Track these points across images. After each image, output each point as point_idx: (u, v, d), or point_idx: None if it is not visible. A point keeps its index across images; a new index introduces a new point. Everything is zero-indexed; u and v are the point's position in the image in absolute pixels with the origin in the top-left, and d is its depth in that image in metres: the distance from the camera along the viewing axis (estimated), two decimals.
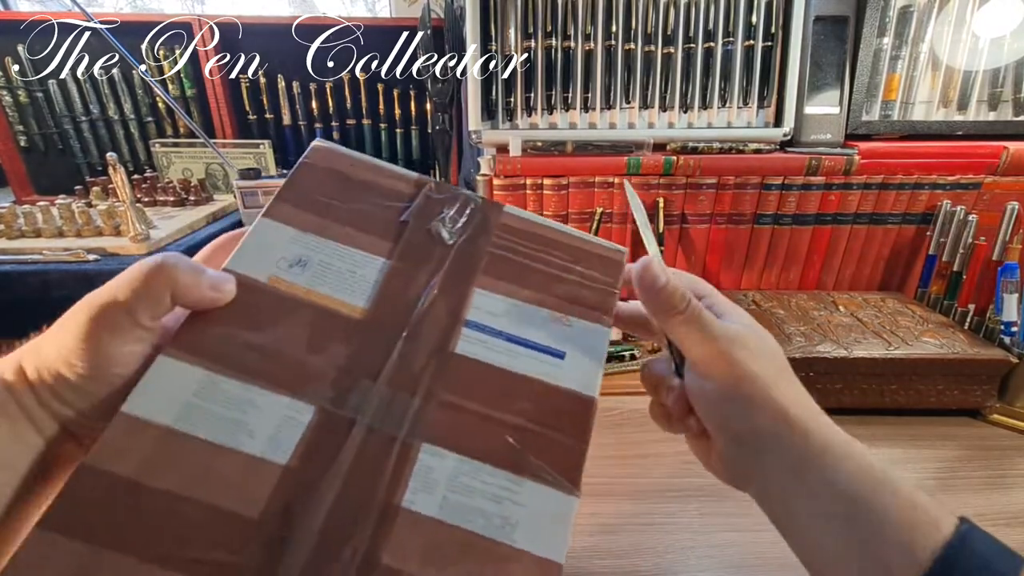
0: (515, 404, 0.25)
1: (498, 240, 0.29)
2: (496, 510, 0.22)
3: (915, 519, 0.22)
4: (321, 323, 0.24)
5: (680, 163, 0.71)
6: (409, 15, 0.90)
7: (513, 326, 0.27)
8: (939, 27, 0.71)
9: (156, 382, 0.22)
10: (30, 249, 0.56)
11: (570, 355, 0.27)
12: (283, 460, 0.21)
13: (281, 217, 0.27)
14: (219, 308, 0.24)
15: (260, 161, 0.83)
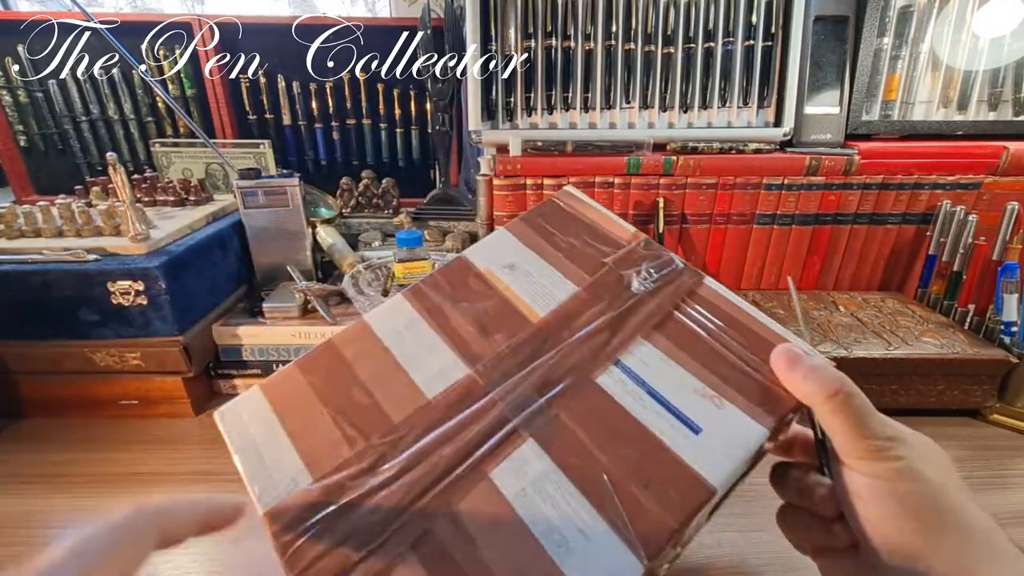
0: (621, 449, 0.25)
1: (683, 304, 0.30)
2: (561, 527, 0.23)
3: None
4: (502, 314, 0.30)
5: (680, 163, 0.71)
6: (409, 15, 0.90)
7: (659, 383, 0.27)
8: (939, 27, 0.71)
9: (386, 309, 0.32)
10: (30, 249, 0.56)
11: (707, 434, 0.25)
12: (430, 396, 0.27)
13: (515, 232, 0.35)
14: (446, 274, 0.32)
15: (260, 161, 0.83)
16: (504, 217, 0.74)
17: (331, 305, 0.65)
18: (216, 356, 0.62)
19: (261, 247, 0.71)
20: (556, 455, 0.25)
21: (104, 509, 0.46)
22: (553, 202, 0.36)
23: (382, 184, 0.85)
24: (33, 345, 0.56)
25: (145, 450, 0.54)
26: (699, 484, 0.24)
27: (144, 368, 0.57)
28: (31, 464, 0.52)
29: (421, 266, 0.67)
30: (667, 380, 0.27)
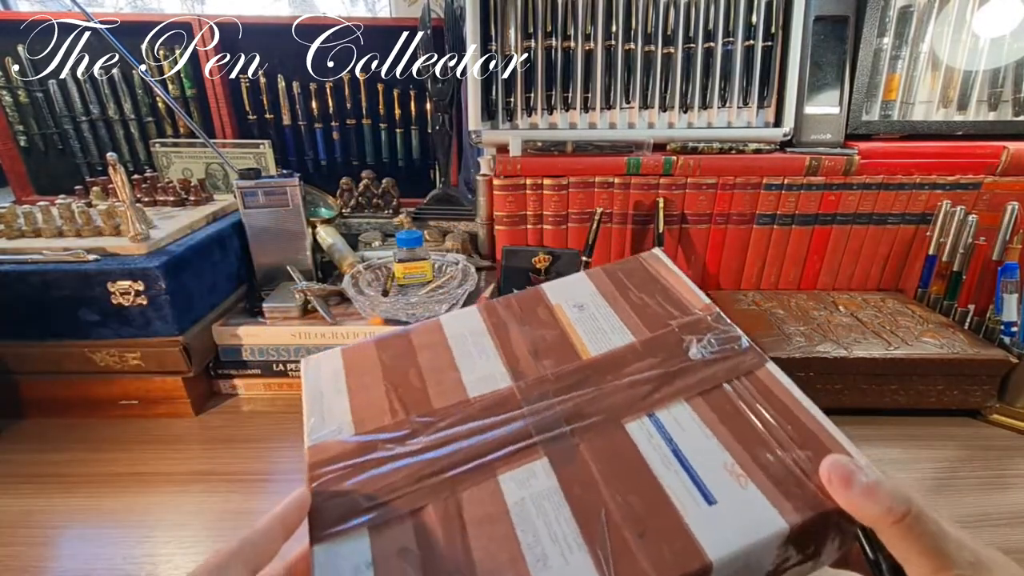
0: (628, 493, 0.25)
1: (737, 384, 0.30)
2: (547, 544, 0.23)
3: None
4: (557, 344, 0.33)
5: (680, 163, 0.71)
6: (409, 15, 0.90)
7: (687, 445, 0.27)
8: (939, 27, 0.71)
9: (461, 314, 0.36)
10: (30, 249, 0.56)
11: (720, 508, 0.24)
12: (471, 395, 0.30)
13: (593, 278, 0.37)
14: (520, 300, 0.36)
15: (260, 161, 0.83)
16: (504, 217, 0.74)
17: (331, 305, 0.65)
18: (216, 356, 0.62)
19: (261, 247, 0.71)
20: (563, 479, 0.26)
21: (104, 509, 0.46)
22: (638, 260, 0.38)
23: (382, 184, 0.85)
24: (33, 345, 0.56)
25: (145, 450, 0.54)
26: (695, 551, 0.23)
27: (144, 368, 0.57)
28: (31, 464, 0.52)
29: (421, 266, 0.67)
30: (696, 445, 0.27)
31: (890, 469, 0.50)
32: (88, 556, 0.42)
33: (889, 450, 0.53)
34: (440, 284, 0.68)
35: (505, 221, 0.74)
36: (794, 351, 0.57)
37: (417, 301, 0.62)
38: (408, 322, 0.61)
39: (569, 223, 0.74)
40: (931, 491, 0.48)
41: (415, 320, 0.61)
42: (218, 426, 0.58)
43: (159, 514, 0.46)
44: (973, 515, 0.45)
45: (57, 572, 0.40)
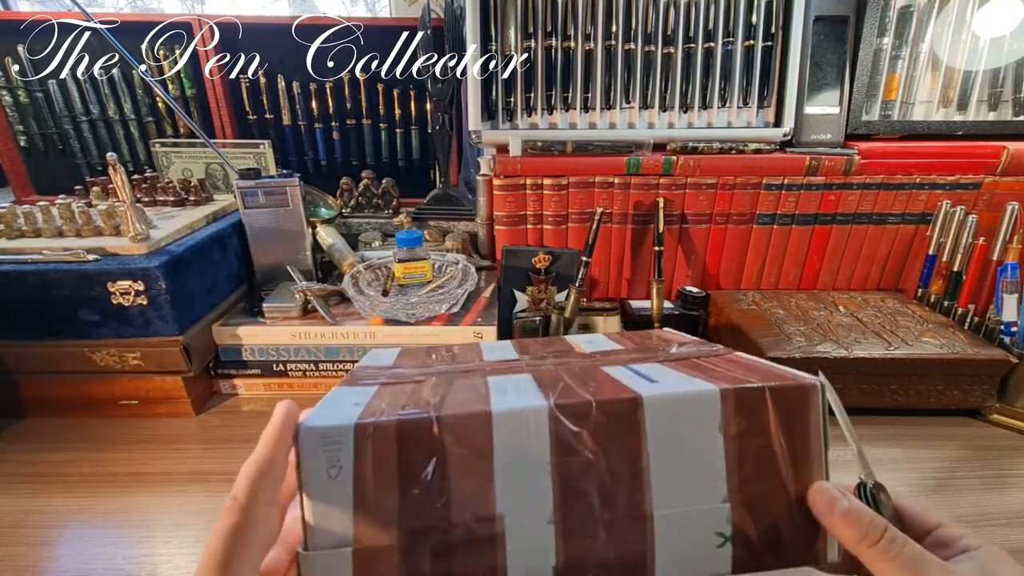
0: (586, 380, 0.31)
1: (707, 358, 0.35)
2: (508, 385, 0.32)
3: None
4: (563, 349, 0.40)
5: (680, 163, 0.71)
6: (409, 15, 0.90)
7: (649, 371, 0.32)
8: (939, 27, 0.71)
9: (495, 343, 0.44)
10: (30, 249, 0.56)
11: (659, 382, 0.29)
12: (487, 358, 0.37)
13: (607, 333, 0.49)
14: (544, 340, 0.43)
15: (260, 161, 0.83)
16: (504, 217, 0.74)
17: (331, 305, 0.65)
18: (216, 356, 0.62)
19: (261, 247, 0.71)
20: (537, 376, 0.32)
21: (104, 509, 0.46)
22: (647, 331, 0.45)
23: (382, 184, 0.85)
24: (33, 345, 0.56)
25: (145, 450, 0.54)
26: (629, 392, 0.28)
27: (144, 368, 0.57)
28: (31, 464, 0.52)
29: (421, 266, 0.67)
30: (658, 372, 0.31)
31: (890, 469, 0.50)
32: (88, 556, 0.42)
33: (889, 450, 0.53)
34: (440, 284, 0.68)
35: (505, 221, 0.74)
36: (794, 351, 0.57)
37: (417, 301, 0.62)
38: (408, 322, 0.61)
39: (569, 223, 0.74)
40: (931, 491, 0.48)
41: (415, 320, 0.61)
42: (218, 426, 0.58)
43: (159, 514, 0.46)
44: (973, 515, 0.45)
45: (57, 572, 0.40)
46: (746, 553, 0.28)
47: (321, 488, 0.29)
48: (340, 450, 0.29)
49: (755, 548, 0.29)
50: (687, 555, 0.28)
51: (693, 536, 0.29)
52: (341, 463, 0.29)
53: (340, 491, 0.28)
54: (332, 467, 0.29)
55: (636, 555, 0.28)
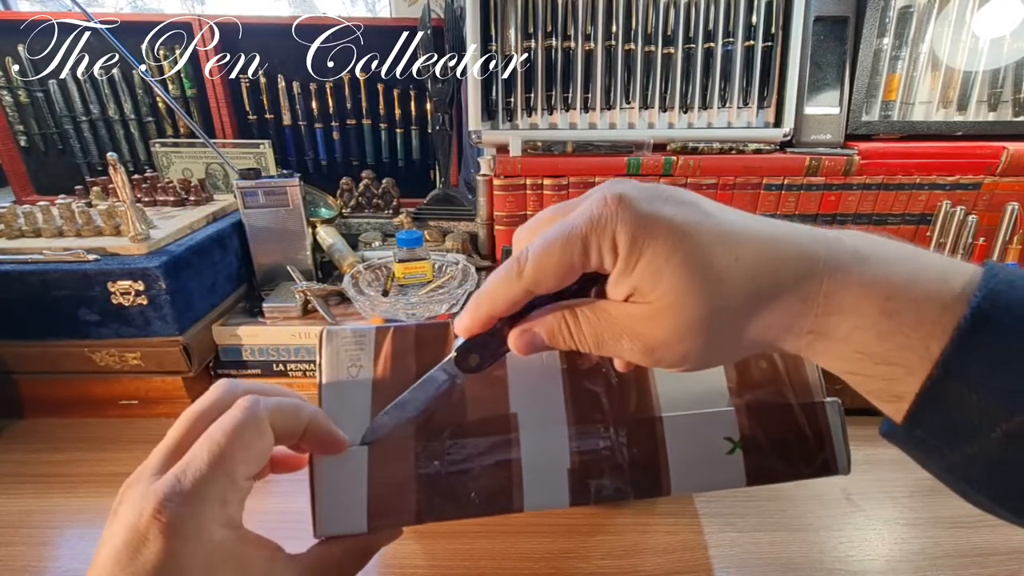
0: None
1: None
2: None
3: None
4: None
5: (680, 163, 0.71)
6: (409, 15, 0.90)
7: None
8: (939, 27, 0.71)
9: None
10: (30, 249, 0.56)
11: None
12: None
13: None
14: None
15: (260, 161, 0.83)
16: (504, 217, 0.74)
17: (331, 305, 0.65)
18: (216, 356, 0.62)
19: (261, 247, 0.71)
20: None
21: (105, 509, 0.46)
22: None
23: (382, 184, 0.85)
24: (33, 345, 0.56)
25: (145, 450, 0.54)
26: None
27: (144, 368, 0.57)
28: (31, 464, 0.52)
29: (421, 266, 0.67)
30: None
31: (890, 469, 0.50)
32: (88, 556, 0.41)
33: (889, 450, 0.53)
34: (440, 284, 0.68)
35: (505, 221, 0.74)
36: None
37: (417, 301, 0.62)
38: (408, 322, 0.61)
39: None
40: (930, 491, 0.48)
41: (415, 320, 0.61)
42: None
43: None
44: (973, 515, 0.45)
45: (57, 572, 0.40)
46: (757, 460, 0.29)
47: (341, 387, 0.30)
48: (362, 349, 0.30)
49: (765, 455, 0.29)
50: (699, 460, 0.29)
51: (702, 440, 0.29)
52: (361, 363, 0.30)
53: (359, 389, 0.29)
54: (352, 366, 0.30)
55: (649, 458, 0.29)
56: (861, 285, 0.20)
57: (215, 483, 0.23)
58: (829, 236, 0.21)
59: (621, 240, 0.21)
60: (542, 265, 0.22)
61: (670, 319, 0.21)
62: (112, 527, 0.23)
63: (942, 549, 0.41)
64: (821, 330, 0.21)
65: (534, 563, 0.39)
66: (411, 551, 0.40)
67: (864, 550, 0.41)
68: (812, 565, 0.39)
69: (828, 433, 0.30)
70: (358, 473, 0.27)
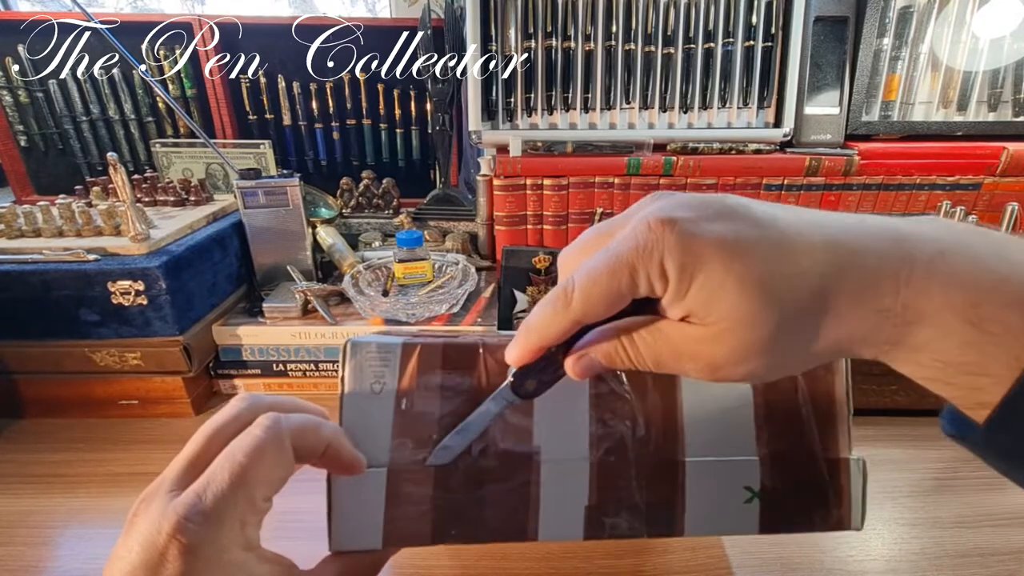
0: None
1: None
2: None
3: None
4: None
5: (680, 163, 0.71)
6: (409, 15, 0.90)
7: None
8: (939, 28, 0.71)
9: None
10: (30, 249, 0.56)
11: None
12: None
13: None
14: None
15: (260, 161, 0.83)
16: (504, 217, 0.74)
17: (331, 305, 0.65)
18: (216, 356, 0.62)
19: (261, 247, 0.71)
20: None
21: (105, 509, 0.46)
22: None
23: (382, 184, 0.85)
24: (33, 345, 0.56)
25: (145, 450, 0.54)
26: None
27: (144, 368, 0.57)
28: (31, 464, 0.52)
29: (421, 266, 0.67)
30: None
31: (890, 469, 0.50)
32: (88, 556, 0.42)
33: (889, 450, 0.53)
34: (440, 284, 0.68)
35: (505, 221, 0.74)
36: None
37: (417, 301, 0.62)
38: (408, 322, 0.61)
39: (569, 223, 0.74)
40: (931, 491, 0.48)
41: (415, 320, 0.61)
42: None
43: None
44: (973, 515, 0.45)
45: (57, 572, 0.40)
46: (772, 512, 0.29)
47: (362, 402, 0.28)
48: (386, 366, 0.29)
49: (781, 507, 0.29)
50: (716, 506, 0.29)
51: (722, 487, 0.29)
52: (385, 379, 0.29)
53: (381, 406, 0.28)
54: (376, 382, 0.29)
55: (667, 501, 0.28)
56: (944, 293, 0.18)
57: (235, 504, 0.23)
58: (905, 232, 0.20)
59: (670, 267, 0.20)
60: (590, 296, 0.21)
61: (731, 341, 0.20)
62: (127, 541, 0.22)
63: (942, 549, 0.41)
64: (899, 340, 0.20)
65: (534, 563, 0.39)
66: (411, 551, 0.40)
67: (864, 550, 0.41)
68: (812, 565, 0.39)
69: (848, 491, 0.29)
70: (376, 494, 0.27)
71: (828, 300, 0.19)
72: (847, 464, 0.30)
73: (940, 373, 0.19)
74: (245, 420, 0.26)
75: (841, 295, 0.19)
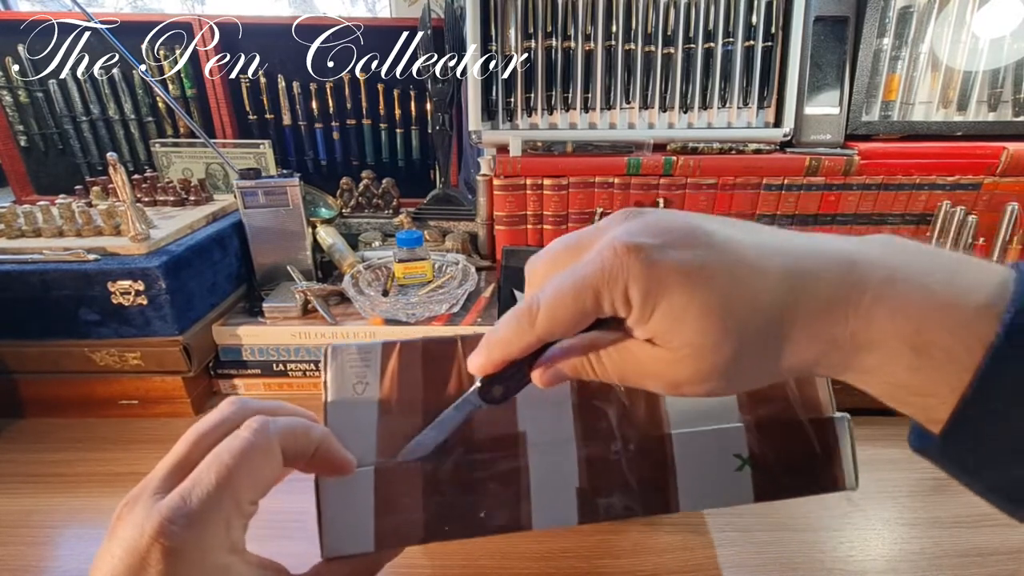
0: None
1: None
2: None
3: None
4: None
5: (680, 163, 0.71)
6: (409, 15, 0.90)
7: None
8: (939, 27, 0.71)
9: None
10: (30, 249, 0.56)
11: None
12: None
13: None
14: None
15: (260, 161, 0.83)
16: (504, 217, 0.74)
17: (331, 305, 0.65)
18: (216, 356, 0.62)
19: (261, 247, 0.71)
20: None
21: (105, 509, 0.46)
22: None
23: (382, 184, 0.85)
24: (33, 345, 0.56)
25: (145, 450, 0.54)
26: None
27: (144, 368, 0.57)
28: (31, 464, 0.52)
29: (421, 266, 0.67)
30: None
31: (890, 469, 0.50)
32: (88, 556, 0.42)
33: (889, 450, 0.53)
34: (440, 284, 0.68)
35: (505, 221, 0.74)
36: None
37: (417, 301, 0.62)
38: (408, 322, 0.61)
39: (569, 223, 0.74)
40: (930, 491, 0.48)
41: (415, 320, 0.61)
42: None
43: None
44: (972, 515, 0.45)
45: (57, 572, 0.40)
46: (765, 477, 0.29)
47: (346, 405, 0.29)
48: (368, 367, 0.29)
49: (773, 471, 0.29)
50: (707, 477, 0.29)
51: (711, 457, 0.29)
52: (368, 379, 0.29)
53: (365, 407, 0.29)
54: (359, 383, 0.29)
55: (658, 476, 0.29)
56: (891, 320, 0.19)
57: (220, 507, 0.22)
58: (857, 258, 0.20)
59: (633, 293, 0.20)
60: (555, 316, 0.22)
61: (693, 365, 0.21)
62: (111, 546, 0.22)
63: (942, 549, 0.41)
64: (849, 365, 0.21)
65: (534, 563, 0.39)
66: (412, 551, 0.40)
67: (864, 550, 0.41)
68: (812, 565, 0.39)
69: (837, 449, 0.30)
70: (365, 494, 0.27)
71: (783, 328, 0.20)
72: (832, 423, 0.30)
73: (892, 392, 0.21)
74: (233, 424, 0.25)
75: (796, 324, 0.20)
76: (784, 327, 0.20)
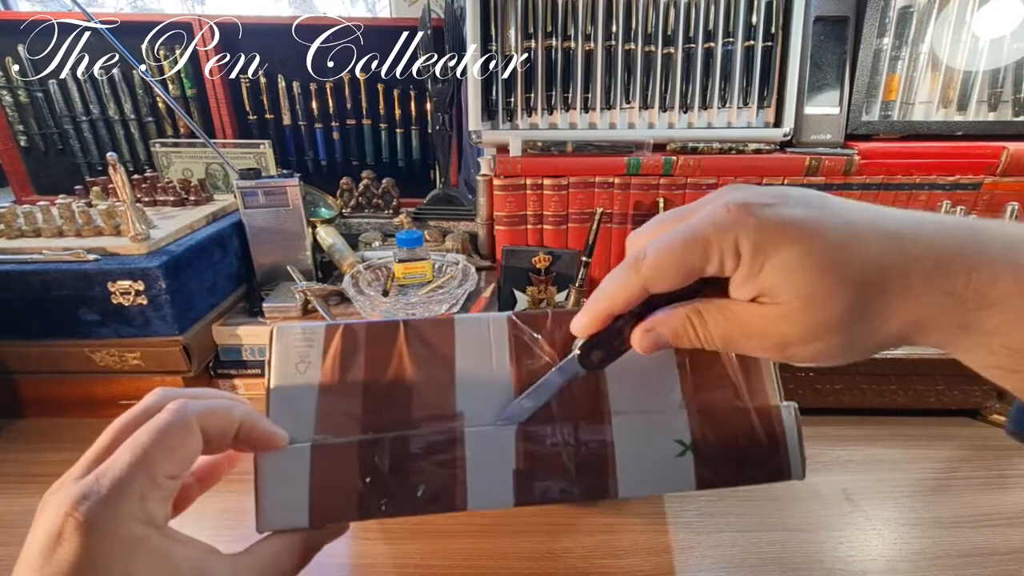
0: None
1: None
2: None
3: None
4: None
5: (680, 163, 0.71)
6: (409, 15, 0.90)
7: None
8: (939, 27, 0.71)
9: None
10: (30, 249, 0.56)
11: None
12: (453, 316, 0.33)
13: None
14: None
15: (260, 161, 0.83)
16: (504, 217, 0.74)
17: (331, 305, 0.65)
18: (216, 356, 0.62)
19: (261, 247, 0.71)
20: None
21: None
22: None
23: (382, 184, 0.85)
24: (33, 345, 0.56)
25: None
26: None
27: (144, 368, 0.57)
28: (31, 464, 0.52)
29: (421, 266, 0.67)
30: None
31: (890, 469, 0.50)
32: None
33: (888, 450, 0.53)
34: (440, 284, 0.68)
35: (505, 221, 0.74)
36: None
37: (417, 301, 0.62)
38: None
39: (569, 223, 0.74)
40: (930, 491, 0.48)
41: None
42: None
43: None
44: (973, 515, 0.45)
45: None
46: (707, 465, 0.29)
47: (288, 384, 0.30)
48: (311, 347, 0.30)
49: (716, 459, 0.29)
50: (647, 462, 0.29)
51: (652, 443, 0.29)
52: (310, 359, 0.30)
53: (306, 386, 0.29)
54: (301, 362, 0.30)
55: (596, 460, 0.28)
56: (1016, 280, 0.19)
57: (134, 481, 0.23)
58: (975, 226, 0.21)
59: (744, 245, 0.21)
60: (662, 263, 0.22)
61: (804, 319, 0.21)
62: (33, 530, 0.22)
63: (942, 549, 0.41)
64: (969, 324, 0.20)
65: (534, 562, 0.39)
66: (410, 551, 0.40)
67: (864, 550, 0.41)
68: (812, 565, 0.39)
69: (783, 438, 0.29)
70: (300, 469, 0.27)
71: (901, 281, 0.20)
72: (778, 411, 0.29)
73: (1008, 360, 0.20)
74: (156, 410, 0.26)
75: (913, 277, 0.20)
76: (902, 280, 0.20)
